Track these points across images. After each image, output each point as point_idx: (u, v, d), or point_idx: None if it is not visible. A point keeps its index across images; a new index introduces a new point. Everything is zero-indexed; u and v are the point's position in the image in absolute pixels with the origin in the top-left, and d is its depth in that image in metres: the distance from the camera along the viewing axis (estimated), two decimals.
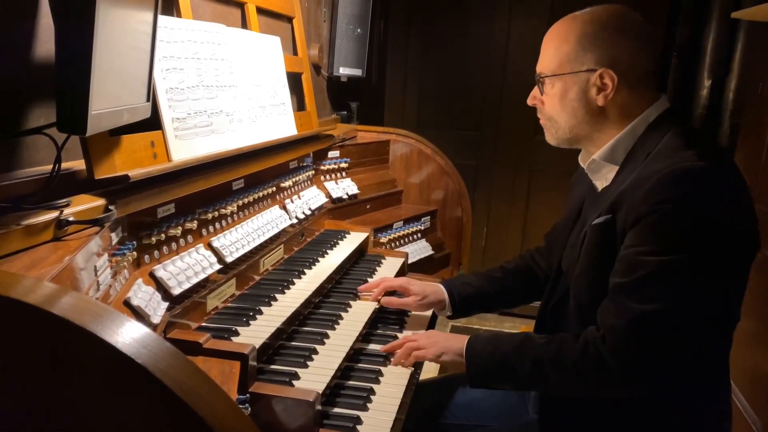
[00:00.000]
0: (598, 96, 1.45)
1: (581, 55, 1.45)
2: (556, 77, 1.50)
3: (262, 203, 2.01)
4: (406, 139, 3.13)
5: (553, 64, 1.50)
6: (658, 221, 1.27)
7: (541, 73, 1.54)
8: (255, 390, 1.36)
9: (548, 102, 1.54)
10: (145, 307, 1.29)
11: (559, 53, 1.49)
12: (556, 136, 1.57)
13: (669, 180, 1.28)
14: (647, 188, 1.29)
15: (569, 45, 1.47)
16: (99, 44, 0.99)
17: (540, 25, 4.03)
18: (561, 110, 1.51)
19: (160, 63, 1.50)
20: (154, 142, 1.47)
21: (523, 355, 1.45)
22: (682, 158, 1.30)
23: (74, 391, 0.74)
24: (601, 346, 1.33)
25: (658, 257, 1.27)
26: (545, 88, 1.54)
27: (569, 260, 1.55)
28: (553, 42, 1.51)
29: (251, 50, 2.01)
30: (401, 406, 1.50)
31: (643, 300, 1.28)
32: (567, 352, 1.39)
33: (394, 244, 2.78)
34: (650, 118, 1.45)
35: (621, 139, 1.47)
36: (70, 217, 1.14)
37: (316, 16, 2.97)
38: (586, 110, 1.48)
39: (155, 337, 0.75)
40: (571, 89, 1.48)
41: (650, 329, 1.29)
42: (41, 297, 0.76)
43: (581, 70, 1.45)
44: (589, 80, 1.45)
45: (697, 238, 1.26)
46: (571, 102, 1.49)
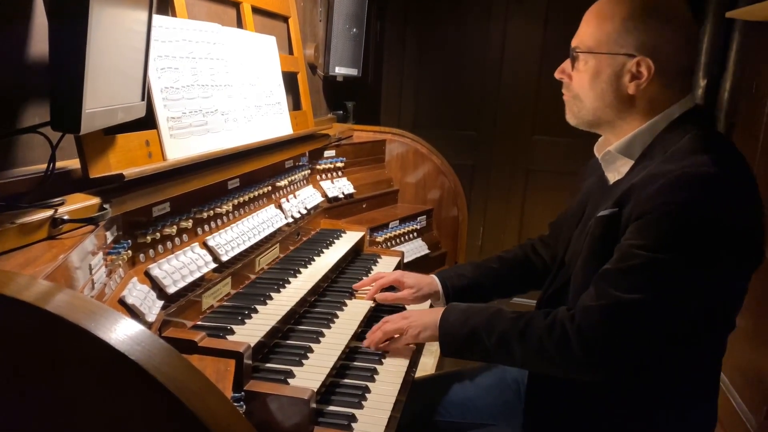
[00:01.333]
0: (630, 83, 1.40)
1: (623, 37, 1.39)
2: (591, 54, 1.44)
3: (257, 202, 2.01)
4: (402, 138, 3.13)
5: (591, 40, 1.44)
6: (659, 220, 1.27)
7: (576, 47, 1.47)
8: (250, 388, 1.36)
9: (577, 78, 1.48)
10: (140, 305, 1.30)
11: (600, 30, 1.42)
12: (578, 116, 1.52)
13: (678, 182, 1.27)
14: (656, 187, 1.29)
15: (613, 24, 1.40)
16: (93, 43, 0.99)
17: (536, 26, 4.08)
18: (589, 89, 1.46)
19: (155, 62, 1.51)
20: (149, 141, 1.47)
21: (492, 327, 1.46)
22: (696, 162, 1.29)
23: (68, 388, 0.75)
24: (569, 324, 1.35)
25: (649, 252, 1.28)
26: (578, 64, 1.47)
27: (573, 252, 1.55)
28: (597, 18, 1.45)
29: (246, 50, 2.01)
30: (396, 404, 1.51)
31: (623, 289, 1.29)
32: (534, 327, 1.40)
33: (390, 243, 2.78)
34: (673, 115, 1.42)
35: (640, 133, 1.44)
36: (65, 215, 1.14)
37: (311, 15, 2.98)
38: (614, 95, 1.43)
39: (149, 334, 0.76)
40: (604, 70, 1.43)
41: (622, 317, 1.29)
42: (35, 294, 0.77)
43: (619, 53, 1.40)
44: (625, 65, 1.40)
45: (693, 243, 1.26)
46: (601, 83, 1.44)
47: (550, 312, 1.42)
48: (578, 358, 1.34)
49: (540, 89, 4.12)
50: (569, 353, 1.34)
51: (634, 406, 1.42)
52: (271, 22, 2.42)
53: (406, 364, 1.69)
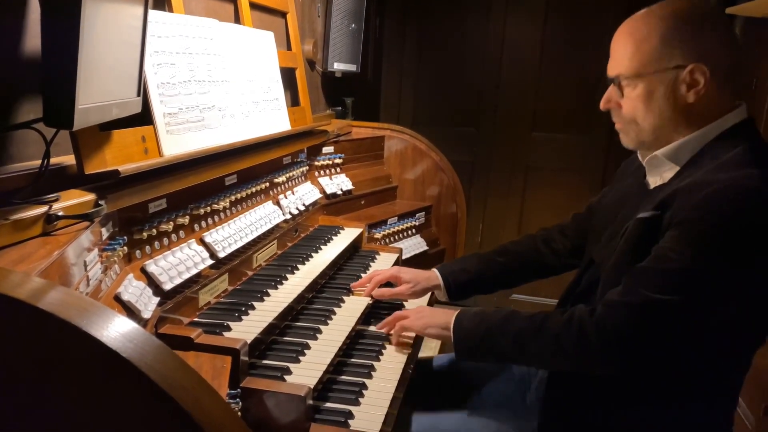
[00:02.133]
0: (689, 93, 1.37)
1: (667, 52, 1.37)
2: (639, 78, 1.41)
3: (255, 199, 2.00)
4: (401, 135, 3.13)
5: (634, 64, 1.41)
6: (701, 229, 1.26)
7: (620, 75, 1.45)
8: (246, 385, 1.36)
9: (628, 105, 1.45)
10: (135, 302, 1.29)
11: (639, 53, 1.40)
12: (637, 140, 1.48)
13: (725, 194, 1.25)
14: (702, 195, 1.27)
15: (651, 43, 1.38)
16: (86, 38, 0.98)
17: (535, 23, 4.06)
18: (645, 112, 1.42)
19: (151, 58, 1.50)
20: (145, 137, 1.46)
21: (507, 328, 1.46)
22: (747, 175, 1.26)
23: (60, 386, 0.74)
24: (587, 318, 1.34)
25: (687, 257, 1.26)
26: (626, 91, 1.44)
27: (604, 251, 1.53)
28: (630, 42, 1.42)
29: (244, 45, 2.01)
30: (393, 400, 1.50)
31: (654, 289, 1.28)
32: (551, 324, 1.40)
33: (388, 239, 2.78)
34: (726, 125, 1.39)
35: (689, 140, 1.41)
36: (60, 212, 1.13)
37: (310, 11, 2.97)
38: (673, 109, 1.40)
39: (142, 331, 0.75)
40: (657, 89, 1.39)
41: (647, 316, 1.29)
42: (28, 291, 0.76)
43: (669, 68, 1.37)
44: (677, 77, 1.37)
45: (733, 257, 1.25)
46: (657, 102, 1.40)
47: (566, 310, 1.41)
48: (595, 350, 1.33)
49: (539, 86, 4.11)
50: (586, 346, 1.34)
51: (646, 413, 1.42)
52: (269, 17, 2.41)
53: (404, 360, 1.69)
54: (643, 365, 1.34)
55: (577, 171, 4.14)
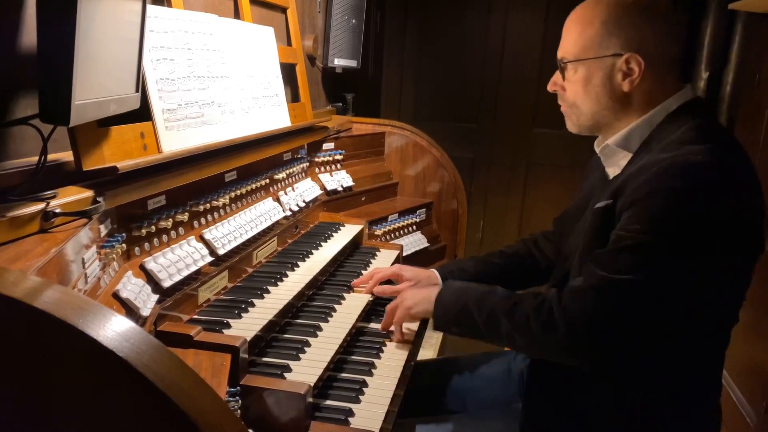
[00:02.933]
0: (624, 81, 1.41)
1: (606, 39, 1.41)
2: (579, 62, 1.45)
3: (255, 195, 1.99)
4: (401, 131, 3.11)
5: (576, 48, 1.46)
6: (650, 206, 1.27)
7: (563, 58, 1.49)
8: (246, 383, 1.35)
9: (570, 88, 1.50)
10: (134, 299, 1.28)
11: (582, 37, 1.44)
12: (578, 123, 1.53)
13: (670, 170, 1.27)
14: (647, 176, 1.28)
15: (594, 29, 1.42)
16: (82, 33, 0.97)
17: (537, 17, 4.04)
18: (584, 96, 1.47)
19: (149, 53, 1.49)
20: (144, 133, 1.45)
21: (483, 305, 1.47)
22: (690, 151, 1.28)
23: (56, 385, 0.73)
24: (556, 304, 1.34)
25: (640, 234, 1.27)
26: (567, 74, 1.49)
27: (572, 244, 1.55)
28: (577, 26, 1.47)
29: (244, 41, 1.99)
30: (394, 398, 1.50)
31: (612, 270, 1.29)
32: (522, 306, 1.40)
33: (389, 236, 2.77)
34: (671, 107, 1.42)
35: (637, 126, 1.44)
36: (57, 208, 1.12)
37: (310, 6, 2.95)
38: (610, 96, 1.44)
39: (138, 330, 0.74)
40: (595, 74, 1.44)
41: (609, 297, 1.28)
42: (24, 290, 0.75)
43: (607, 55, 1.41)
44: (614, 65, 1.41)
45: (683, 230, 1.25)
46: (595, 88, 1.45)
47: (539, 294, 1.42)
48: (563, 340, 1.33)
49: (541, 81, 4.07)
50: (554, 334, 1.33)
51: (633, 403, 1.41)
52: (269, 12, 2.40)
53: (404, 358, 1.68)
54: (612, 353, 1.33)
55: (579, 167, 4.09)
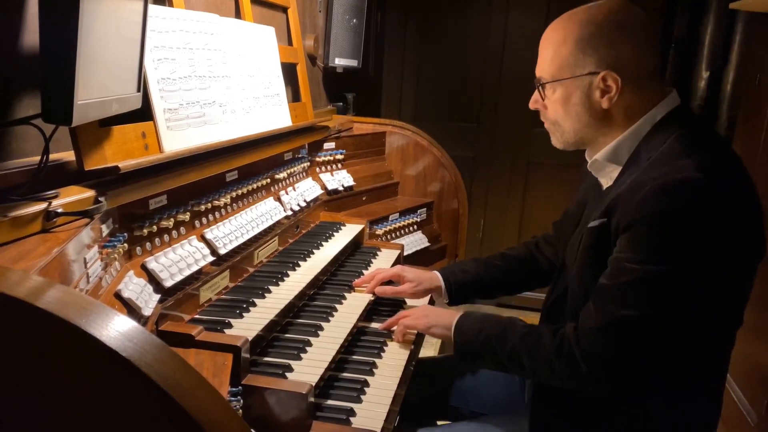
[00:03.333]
0: (603, 99, 1.40)
1: (581, 58, 1.40)
2: (556, 82, 1.45)
3: (256, 195, 2.00)
4: (402, 130, 3.11)
5: (552, 69, 1.45)
6: (647, 231, 1.26)
7: (540, 79, 1.50)
8: (248, 382, 1.36)
9: (551, 107, 1.49)
10: (136, 299, 1.28)
11: (557, 58, 1.43)
12: (562, 140, 1.53)
13: (662, 191, 1.25)
14: (640, 197, 1.27)
15: (567, 48, 1.41)
16: (85, 33, 0.97)
17: (537, 16, 4.04)
18: (565, 115, 1.47)
19: (151, 53, 1.49)
20: (146, 132, 1.45)
21: (505, 341, 1.46)
22: (680, 167, 1.26)
23: (59, 385, 0.73)
24: (576, 347, 1.34)
25: (642, 265, 1.26)
26: (546, 94, 1.49)
27: (570, 257, 1.55)
28: (551, 46, 1.46)
29: (245, 40, 1.99)
30: (395, 398, 1.50)
31: (622, 305, 1.28)
32: (543, 346, 1.40)
33: (389, 236, 2.77)
34: (656, 117, 1.40)
35: (624, 139, 1.43)
36: (59, 208, 1.12)
37: (311, 6, 2.95)
38: (590, 114, 1.43)
39: (141, 330, 0.74)
40: (573, 94, 1.43)
41: (624, 334, 1.29)
42: (27, 290, 0.75)
43: (582, 74, 1.40)
44: (591, 84, 1.40)
45: (683, 251, 1.24)
46: (574, 107, 1.44)
47: (558, 329, 1.41)
48: (587, 378, 1.34)
49: None
50: (579, 374, 1.34)
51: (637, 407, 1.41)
52: (269, 12, 2.40)
53: (406, 357, 1.68)
54: (633, 383, 1.34)
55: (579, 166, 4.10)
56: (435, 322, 1.63)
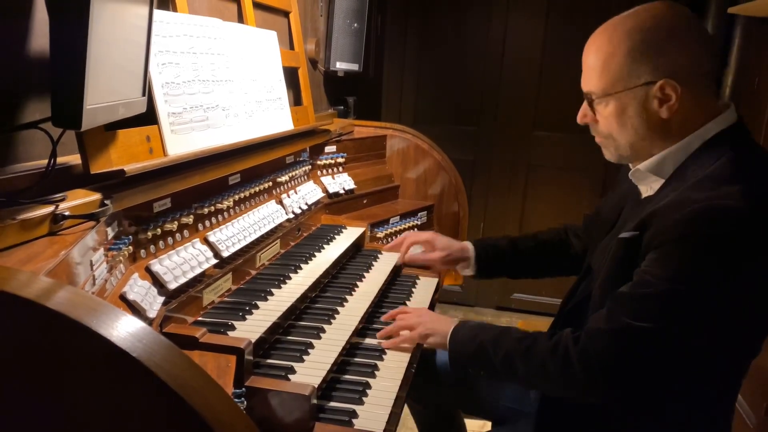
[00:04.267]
0: (661, 109, 1.33)
1: (635, 69, 1.32)
2: (609, 96, 1.37)
3: (258, 198, 2.01)
4: (402, 134, 3.13)
5: (603, 83, 1.37)
6: (679, 252, 1.23)
7: (591, 93, 1.41)
8: (251, 384, 1.37)
9: (603, 121, 1.42)
10: (141, 301, 1.30)
11: (608, 71, 1.35)
12: (617, 154, 1.46)
13: (703, 215, 1.22)
14: (679, 216, 1.24)
15: (618, 60, 1.33)
16: (94, 39, 0.99)
17: (537, 20, 4.06)
18: (620, 129, 1.39)
19: (155, 57, 1.50)
20: (150, 136, 1.47)
21: (499, 346, 1.46)
22: (725, 194, 1.22)
23: (70, 385, 0.75)
24: (572, 346, 1.33)
25: (665, 283, 1.24)
26: (598, 109, 1.41)
27: (597, 263, 1.53)
28: (598, 58, 1.37)
29: (247, 45, 2.01)
30: (397, 399, 1.51)
31: (634, 316, 1.26)
32: (538, 348, 1.39)
33: (390, 238, 2.78)
34: (709, 133, 1.34)
35: (670, 153, 1.37)
36: (66, 211, 1.14)
37: (312, 10, 2.97)
38: (647, 125, 1.36)
39: (150, 330, 0.76)
40: (629, 106, 1.35)
41: (629, 344, 1.27)
42: (37, 291, 0.77)
43: (638, 85, 1.33)
44: (648, 94, 1.33)
45: (712, 280, 1.22)
46: (630, 119, 1.36)
47: (554, 333, 1.41)
48: (579, 379, 1.32)
49: (541, 84, 4.11)
50: (571, 375, 1.33)
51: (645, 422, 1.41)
52: (271, 16, 2.41)
53: (407, 359, 1.69)
54: (628, 393, 1.32)
55: (579, 169, 4.15)
56: (431, 330, 1.64)
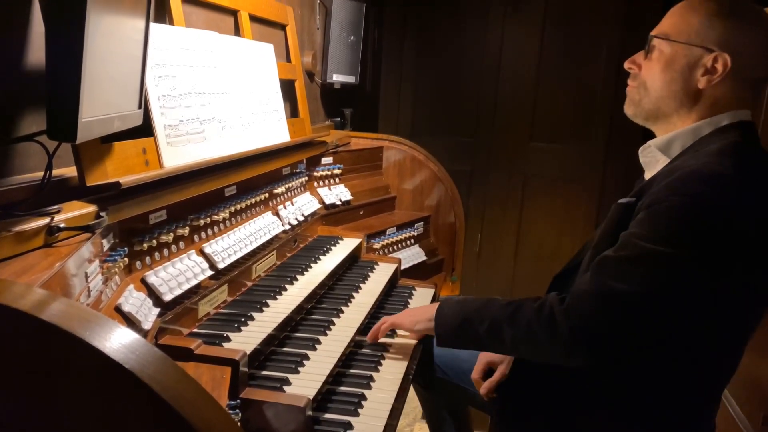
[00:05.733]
0: (703, 78, 1.38)
1: (705, 30, 1.37)
2: (669, 42, 1.41)
3: (254, 209, 2.01)
4: (399, 145, 3.14)
5: (673, 29, 1.42)
6: (664, 211, 1.25)
7: (656, 35, 1.45)
8: (246, 396, 1.37)
9: (648, 66, 1.46)
10: (136, 313, 1.30)
11: (683, 21, 1.41)
12: (639, 104, 1.49)
13: (691, 176, 1.25)
14: (670, 179, 1.27)
15: (697, 17, 1.39)
16: (89, 52, 1.00)
17: (533, 33, 4.09)
18: (659, 76, 1.43)
19: (152, 70, 1.51)
20: (146, 148, 1.47)
21: (484, 315, 1.47)
22: (718, 161, 1.26)
23: (63, 396, 0.75)
24: (557, 306, 1.34)
25: (648, 243, 1.25)
26: (653, 52, 1.45)
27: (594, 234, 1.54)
28: (683, 9, 1.43)
29: (244, 57, 2.02)
30: (393, 411, 1.51)
31: (618, 278, 1.27)
32: (523, 311, 1.40)
33: (387, 249, 2.79)
34: (720, 122, 1.38)
35: (682, 133, 1.42)
36: (61, 223, 1.14)
37: (309, 23, 2.99)
38: (683, 86, 1.40)
39: (143, 342, 0.76)
40: (678, 60, 1.40)
41: (612, 306, 1.27)
42: (31, 303, 0.77)
43: (699, 45, 1.37)
44: (701, 58, 1.37)
45: (696, 240, 1.23)
46: (672, 72, 1.41)
47: (539, 297, 1.42)
48: (564, 340, 1.31)
49: (537, 96, 4.13)
50: (556, 335, 1.32)
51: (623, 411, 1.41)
52: (268, 29, 2.43)
53: (403, 370, 1.69)
54: (612, 357, 1.32)
55: (576, 180, 4.16)
56: (418, 317, 1.68)
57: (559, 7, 4.02)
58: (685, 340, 1.32)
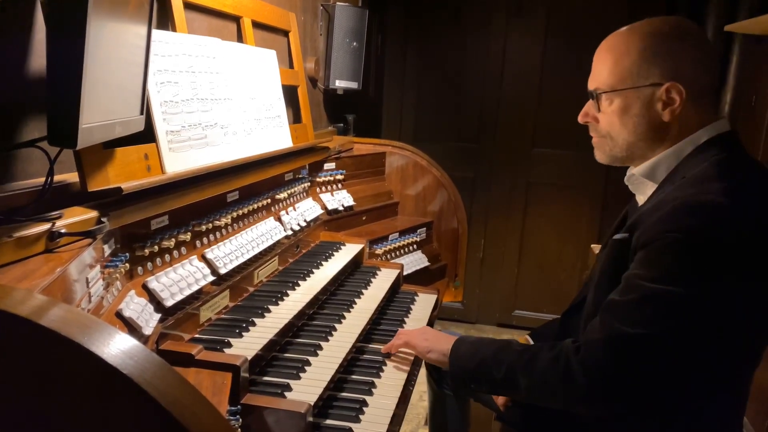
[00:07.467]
0: (665, 111, 1.37)
1: (645, 69, 1.38)
2: (616, 93, 1.42)
3: (256, 215, 2.02)
4: (401, 151, 3.15)
5: (612, 79, 1.42)
6: (662, 249, 1.25)
7: (597, 89, 1.46)
8: (247, 402, 1.36)
9: (605, 119, 1.46)
10: (137, 318, 1.30)
11: (619, 67, 1.40)
12: (610, 154, 1.49)
13: (683, 210, 1.24)
14: (662, 214, 1.26)
15: (631, 58, 1.39)
16: (90, 58, 1.00)
17: (536, 40, 4.10)
18: (620, 127, 1.43)
19: (154, 76, 1.52)
20: (148, 154, 1.48)
21: (500, 360, 1.45)
22: (707, 190, 1.25)
23: (61, 402, 0.75)
24: (573, 357, 1.32)
25: (653, 284, 1.25)
26: (602, 105, 1.45)
27: (594, 268, 1.54)
28: (611, 55, 1.43)
29: (246, 63, 2.03)
30: (394, 417, 1.50)
31: (628, 322, 1.26)
32: (539, 360, 1.38)
33: (389, 255, 2.78)
34: (700, 139, 1.38)
35: (663, 158, 1.41)
36: (63, 229, 1.14)
37: (312, 29, 3.00)
38: (648, 126, 1.40)
39: (142, 348, 0.76)
40: (633, 105, 1.40)
41: (626, 351, 1.26)
42: (30, 308, 0.77)
43: (645, 85, 1.38)
44: (654, 95, 1.38)
45: (696, 273, 1.22)
46: (632, 118, 1.41)
47: (556, 344, 1.40)
48: (582, 391, 1.31)
49: (540, 102, 4.13)
50: (573, 386, 1.31)
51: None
52: (271, 36, 2.44)
53: (404, 377, 1.69)
54: (631, 403, 1.31)
55: (578, 187, 4.16)
56: (433, 346, 1.63)
57: (561, 14, 4.03)
58: (699, 374, 1.31)
